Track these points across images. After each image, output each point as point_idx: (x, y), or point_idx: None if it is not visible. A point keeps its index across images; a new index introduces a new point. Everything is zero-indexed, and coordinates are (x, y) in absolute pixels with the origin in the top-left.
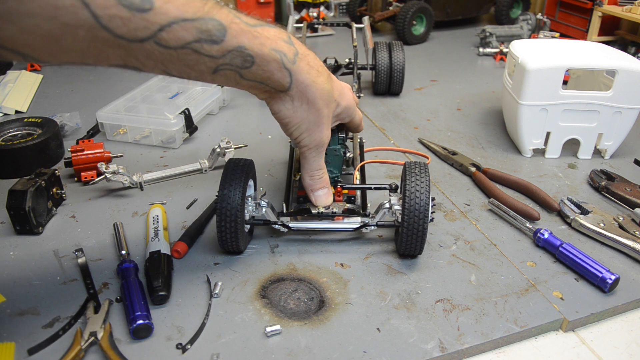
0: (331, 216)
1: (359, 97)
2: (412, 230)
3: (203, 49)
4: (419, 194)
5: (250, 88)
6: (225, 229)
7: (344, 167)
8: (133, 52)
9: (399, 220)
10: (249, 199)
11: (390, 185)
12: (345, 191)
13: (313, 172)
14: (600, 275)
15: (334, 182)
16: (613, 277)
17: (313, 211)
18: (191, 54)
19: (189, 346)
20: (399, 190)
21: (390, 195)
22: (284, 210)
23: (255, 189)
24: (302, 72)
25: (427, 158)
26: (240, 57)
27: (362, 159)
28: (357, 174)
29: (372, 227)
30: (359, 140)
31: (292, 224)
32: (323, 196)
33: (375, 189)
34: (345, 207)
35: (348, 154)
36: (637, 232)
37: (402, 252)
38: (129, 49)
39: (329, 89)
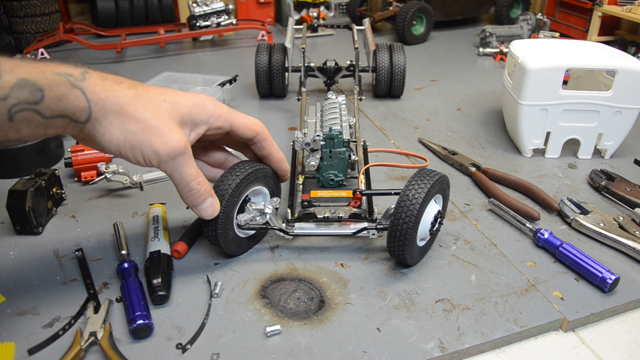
0: (338, 221)
1: (360, 99)
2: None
3: None
4: (414, 197)
5: (58, 129)
6: (209, 224)
7: (349, 170)
8: None
9: None
10: (251, 205)
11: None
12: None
13: (184, 187)
14: (600, 275)
15: (339, 186)
16: (613, 277)
17: (319, 216)
18: None
19: (189, 346)
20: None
21: None
22: (289, 217)
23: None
24: (95, 85)
25: (426, 160)
26: (27, 89)
27: (366, 162)
28: (361, 178)
29: (373, 231)
30: (362, 143)
31: (297, 230)
32: (209, 207)
33: (395, 194)
34: (352, 212)
35: (353, 157)
36: (637, 232)
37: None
38: None
39: (135, 93)
